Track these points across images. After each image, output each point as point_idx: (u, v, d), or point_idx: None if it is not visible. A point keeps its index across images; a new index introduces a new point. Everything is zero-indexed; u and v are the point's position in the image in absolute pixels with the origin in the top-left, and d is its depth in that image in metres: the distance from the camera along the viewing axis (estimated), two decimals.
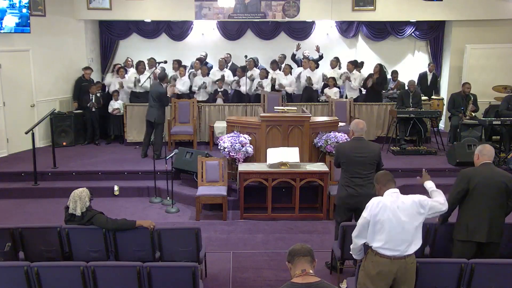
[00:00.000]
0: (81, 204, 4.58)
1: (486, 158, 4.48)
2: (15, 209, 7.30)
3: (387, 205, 3.77)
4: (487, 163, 4.47)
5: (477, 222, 4.36)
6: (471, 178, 4.40)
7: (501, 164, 8.42)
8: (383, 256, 3.77)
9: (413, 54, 12.19)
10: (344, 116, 9.50)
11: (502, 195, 4.37)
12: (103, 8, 10.24)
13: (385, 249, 3.76)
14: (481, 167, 4.46)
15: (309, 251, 2.93)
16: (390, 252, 3.76)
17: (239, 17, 10.61)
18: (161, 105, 8.62)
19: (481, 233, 4.35)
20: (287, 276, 5.17)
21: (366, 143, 5.34)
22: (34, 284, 3.93)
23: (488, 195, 4.35)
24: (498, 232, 4.39)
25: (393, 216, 3.73)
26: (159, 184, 7.72)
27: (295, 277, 2.88)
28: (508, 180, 4.39)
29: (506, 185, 4.36)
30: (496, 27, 10.85)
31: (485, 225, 4.34)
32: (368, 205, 3.85)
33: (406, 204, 3.78)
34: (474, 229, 4.37)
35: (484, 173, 4.39)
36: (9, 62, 9.03)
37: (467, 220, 4.41)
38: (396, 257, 3.75)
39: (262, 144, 7.35)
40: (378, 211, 3.77)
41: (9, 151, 9.14)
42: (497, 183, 4.35)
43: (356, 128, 5.30)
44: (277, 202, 7.15)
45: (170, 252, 4.73)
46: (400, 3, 10.52)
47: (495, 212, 4.37)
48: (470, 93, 9.28)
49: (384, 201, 3.80)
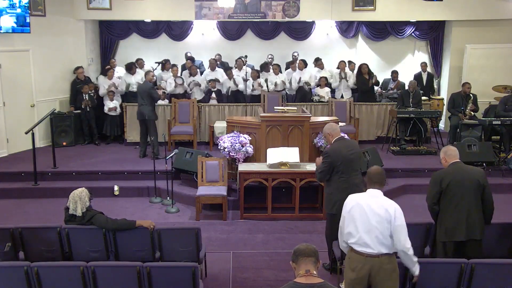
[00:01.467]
0: (81, 204, 4.58)
1: (453, 157, 4.51)
2: (15, 209, 7.30)
3: (361, 202, 3.84)
4: (456, 162, 4.49)
5: (454, 221, 4.38)
6: (443, 179, 4.42)
7: (501, 164, 8.43)
8: (357, 252, 3.82)
9: (413, 54, 12.20)
10: (344, 116, 9.51)
11: (476, 192, 4.39)
12: (103, 8, 10.24)
13: (358, 245, 3.82)
14: (451, 167, 4.48)
15: (314, 252, 2.93)
16: (361, 248, 3.80)
17: (239, 17, 10.61)
18: (151, 102, 8.65)
19: (460, 232, 4.37)
20: (287, 276, 5.20)
21: (348, 140, 5.36)
22: (34, 284, 3.93)
23: (462, 193, 4.37)
24: (477, 228, 4.39)
25: (364, 213, 3.79)
26: (159, 184, 7.72)
27: (298, 277, 2.88)
28: (479, 176, 4.41)
29: (478, 181, 4.38)
30: (496, 27, 10.85)
31: (462, 224, 4.36)
32: (345, 203, 3.93)
33: (381, 203, 3.80)
34: (453, 229, 4.39)
35: (455, 172, 4.42)
36: (9, 62, 9.03)
37: (445, 220, 4.44)
38: (369, 255, 3.78)
39: (262, 144, 7.35)
40: (351, 208, 3.85)
41: (9, 151, 9.14)
42: (469, 180, 4.38)
43: (335, 130, 5.24)
44: (277, 202, 7.15)
45: (170, 252, 4.73)
46: (400, 3, 10.52)
47: (471, 209, 4.37)
48: (470, 93, 9.28)
49: (359, 198, 3.88)
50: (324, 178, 5.19)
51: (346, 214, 3.89)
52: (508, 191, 7.92)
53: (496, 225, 4.70)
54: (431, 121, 9.68)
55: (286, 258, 5.57)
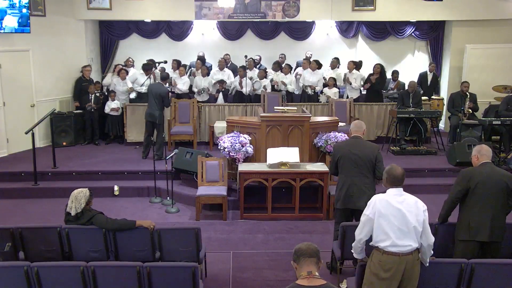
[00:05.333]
0: (76, 204, 4.56)
1: (485, 157, 4.49)
2: (15, 209, 7.30)
3: (390, 201, 3.81)
4: (487, 162, 4.48)
5: (479, 221, 4.37)
6: (471, 177, 4.40)
7: (501, 164, 8.42)
8: (391, 253, 3.77)
9: (413, 54, 12.20)
10: (344, 116, 9.49)
11: (503, 194, 4.38)
12: (103, 8, 10.24)
13: (392, 246, 3.77)
14: (481, 167, 4.46)
15: (316, 252, 2.90)
16: (397, 248, 3.76)
17: (239, 17, 10.61)
18: (162, 106, 8.60)
19: (483, 233, 4.36)
20: (287, 276, 5.21)
21: (362, 142, 5.32)
22: (34, 284, 3.93)
23: (489, 194, 4.36)
24: (500, 231, 4.40)
25: (396, 211, 3.76)
26: (159, 184, 7.71)
27: (300, 279, 2.86)
28: (508, 179, 4.40)
29: (506, 184, 4.37)
30: (496, 27, 10.85)
31: (487, 225, 4.35)
32: (370, 203, 3.88)
33: (408, 200, 3.82)
34: (476, 228, 4.37)
35: (485, 172, 4.40)
36: (9, 62, 9.03)
37: (468, 219, 4.41)
38: (403, 254, 3.76)
39: (262, 144, 7.35)
40: (380, 208, 3.80)
41: (9, 151, 9.14)
42: (498, 182, 4.36)
43: (354, 127, 5.37)
44: (277, 202, 7.15)
45: (170, 252, 4.73)
46: (400, 3, 10.52)
47: (496, 211, 4.38)
48: (469, 92, 9.27)
49: (386, 197, 3.84)
50: (332, 172, 5.51)
51: (375, 216, 3.81)
52: None
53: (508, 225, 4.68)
54: (431, 121, 9.68)
55: (286, 258, 5.57)
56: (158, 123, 8.57)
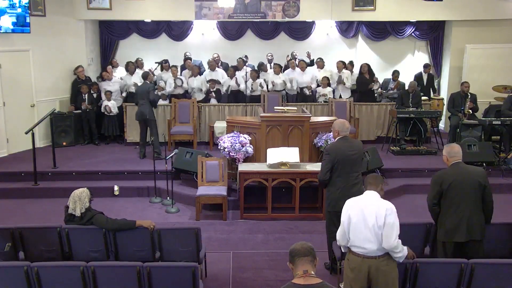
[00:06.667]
0: (80, 204, 4.58)
1: (456, 158, 4.50)
2: (15, 209, 7.30)
3: (357, 203, 3.88)
4: (457, 162, 4.49)
5: (455, 222, 4.38)
6: (443, 181, 4.42)
7: (501, 164, 8.43)
8: (355, 254, 3.87)
9: (413, 54, 12.19)
10: (344, 116, 9.48)
11: (476, 192, 4.39)
12: (103, 8, 10.23)
13: (355, 247, 3.86)
14: (452, 168, 4.48)
15: (310, 250, 2.92)
16: (358, 249, 3.84)
17: (239, 17, 10.61)
18: (149, 102, 8.64)
19: (460, 233, 4.37)
20: (287, 276, 5.20)
21: (352, 140, 5.29)
22: (34, 284, 3.93)
23: (463, 194, 4.37)
24: (478, 229, 4.40)
25: (360, 215, 3.82)
26: (159, 184, 7.71)
27: (296, 278, 2.87)
28: (480, 176, 4.41)
29: (479, 182, 4.38)
30: (496, 27, 10.85)
31: (463, 224, 4.36)
32: (344, 207, 3.96)
33: (375, 205, 3.82)
34: (453, 229, 4.39)
35: (456, 173, 4.42)
36: (9, 62, 9.02)
37: (445, 221, 4.44)
38: (366, 256, 3.81)
39: (262, 144, 7.35)
40: (349, 209, 3.89)
41: (9, 151, 9.14)
42: (470, 180, 4.38)
43: (343, 127, 5.18)
44: (277, 202, 7.15)
45: (170, 252, 4.73)
46: (400, 3, 10.51)
47: (472, 210, 4.38)
48: (469, 92, 9.27)
49: (355, 201, 3.92)
50: (326, 177, 5.10)
51: (344, 218, 3.91)
52: (508, 191, 7.92)
53: (496, 225, 4.70)
54: (431, 121, 9.68)
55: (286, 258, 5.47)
56: (149, 118, 8.59)
